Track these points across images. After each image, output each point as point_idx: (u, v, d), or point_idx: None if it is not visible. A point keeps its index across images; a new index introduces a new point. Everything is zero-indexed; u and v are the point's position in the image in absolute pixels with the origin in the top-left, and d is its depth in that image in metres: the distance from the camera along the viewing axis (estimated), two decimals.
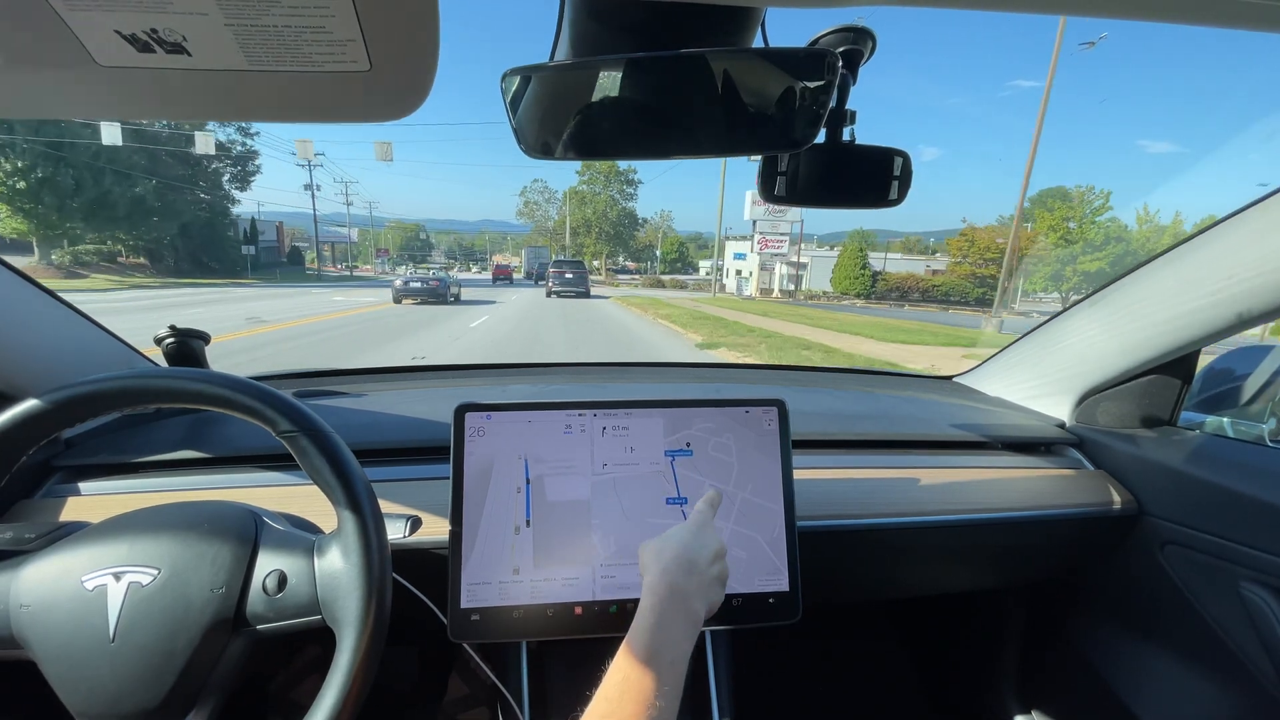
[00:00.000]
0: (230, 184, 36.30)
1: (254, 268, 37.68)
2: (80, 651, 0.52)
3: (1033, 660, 1.22)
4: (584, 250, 55.80)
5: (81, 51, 0.37)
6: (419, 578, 0.68)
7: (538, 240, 68.39)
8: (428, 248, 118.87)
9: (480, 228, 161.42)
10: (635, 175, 56.16)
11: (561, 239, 57.99)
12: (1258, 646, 0.84)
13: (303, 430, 0.55)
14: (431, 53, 0.39)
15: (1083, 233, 31.95)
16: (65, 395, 0.53)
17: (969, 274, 37.99)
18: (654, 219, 78.62)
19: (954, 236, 41.13)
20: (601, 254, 57.11)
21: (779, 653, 1.42)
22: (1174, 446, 0.99)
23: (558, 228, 59.94)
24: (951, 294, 37.51)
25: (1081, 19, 0.38)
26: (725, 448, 0.77)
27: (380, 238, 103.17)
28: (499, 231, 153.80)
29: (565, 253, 53.46)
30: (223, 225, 35.92)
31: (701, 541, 0.61)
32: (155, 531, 0.57)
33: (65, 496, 0.81)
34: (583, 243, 55.96)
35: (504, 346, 9.64)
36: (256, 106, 0.45)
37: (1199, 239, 0.87)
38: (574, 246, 56.30)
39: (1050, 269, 32.89)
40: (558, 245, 59.10)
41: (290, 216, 68.33)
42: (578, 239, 56.32)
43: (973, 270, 37.68)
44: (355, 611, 0.53)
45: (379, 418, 1.01)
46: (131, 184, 26.71)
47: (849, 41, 0.56)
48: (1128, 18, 0.38)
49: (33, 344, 0.83)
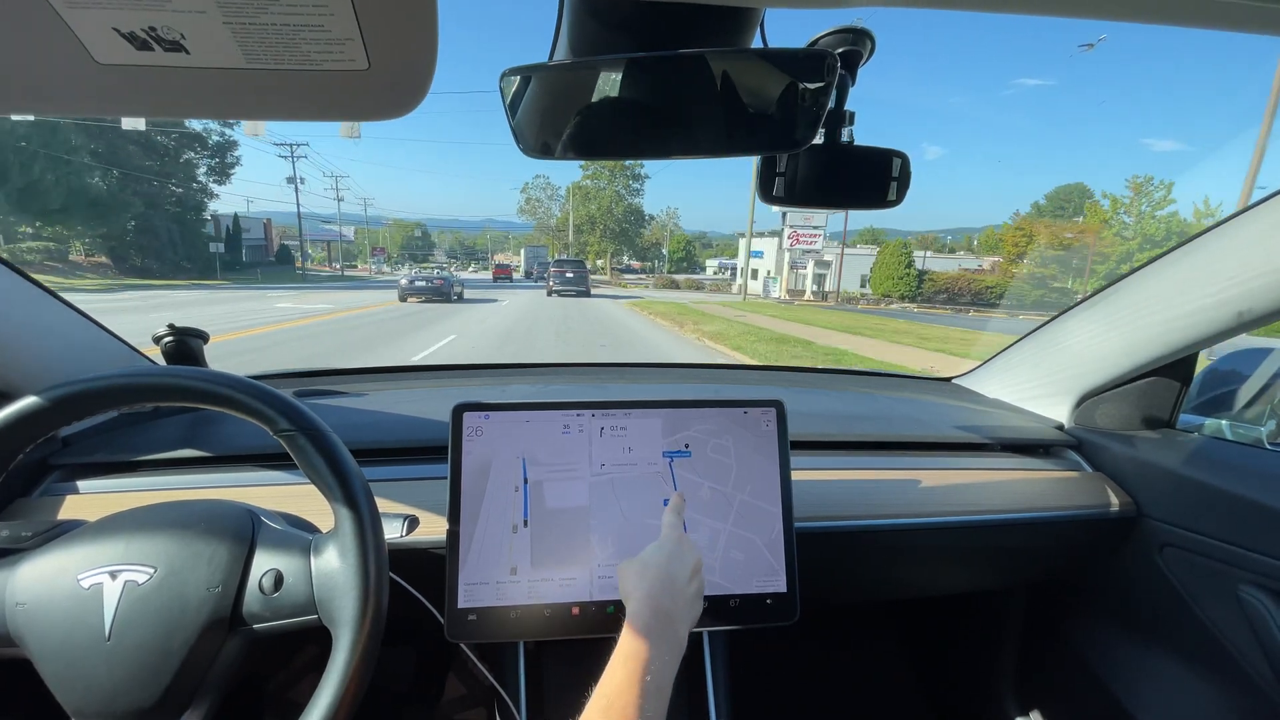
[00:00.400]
0: (208, 177, 33.62)
1: (231, 267, 35.29)
2: (76, 650, 0.52)
3: (1031, 662, 1.22)
4: (587, 249, 53.83)
5: (80, 49, 0.37)
6: (416, 577, 0.68)
7: (539, 239, 66.21)
8: (429, 246, 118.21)
9: (484, 226, 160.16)
10: (641, 170, 52.44)
11: (564, 237, 55.55)
12: (1255, 649, 0.84)
13: (300, 429, 0.55)
14: (430, 51, 0.39)
15: (1142, 228, 29.44)
16: (62, 393, 0.53)
17: (1028, 273, 32.98)
18: (660, 216, 75.50)
19: (987, 231, 36.13)
20: (606, 253, 54.68)
21: (777, 654, 1.42)
22: (1173, 449, 0.99)
23: (560, 225, 57.20)
24: (1007, 296, 32.38)
25: (1079, 20, 0.38)
26: (724, 449, 0.77)
27: (379, 236, 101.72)
28: (502, 230, 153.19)
29: (568, 251, 51.92)
30: (195, 222, 33.30)
31: (680, 559, 0.60)
32: (151, 530, 0.57)
33: (63, 495, 0.81)
34: (586, 240, 53.70)
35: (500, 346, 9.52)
36: (255, 105, 0.45)
37: (1199, 241, 0.87)
38: (577, 245, 54.31)
39: (1106, 267, 29.74)
40: (560, 244, 57.02)
41: (283, 215, 66.62)
42: (581, 237, 53.95)
43: (1031, 269, 32.98)
44: (352, 611, 0.53)
45: (377, 417, 1.01)
46: (70, 171, 23.94)
47: (848, 42, 0.56)
48: (1128, 19, 0.38)
49: (31, 342, 0.83)
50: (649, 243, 71.07)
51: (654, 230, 72.05)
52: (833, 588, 1.01)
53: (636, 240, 59.21)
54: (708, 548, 0.74)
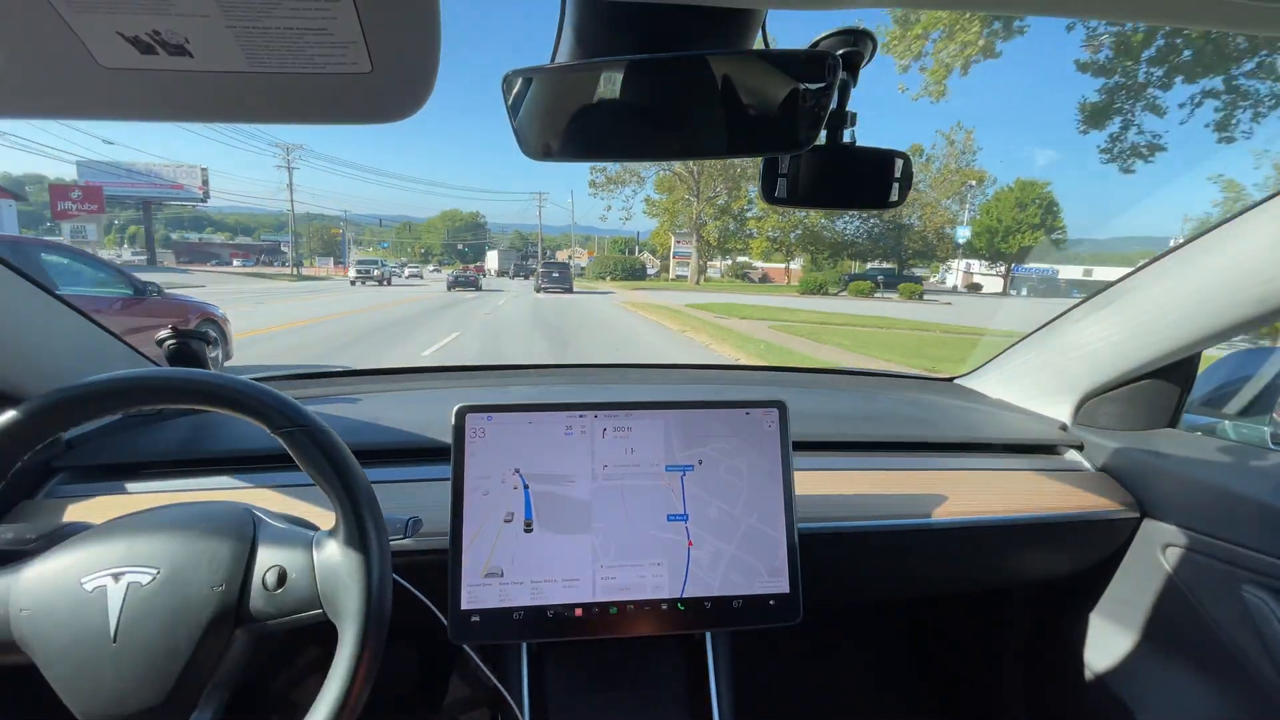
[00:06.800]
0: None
1: None
2: (82, 653, 0.52)
3: (1034, 662, 1.22)
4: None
5: (84, 53, 0.37)
6: (419, 579, 0.68)
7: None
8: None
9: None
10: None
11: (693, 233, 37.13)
12: (1259, 649, 0.84)
13: (298, 427, 0.55)
14: (432, 55, 0.39)
15: None
16: (60, 397, 0.53)
17: None
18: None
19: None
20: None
21: (780, 655, 1.41)
22: (1175, 449, 0.99)
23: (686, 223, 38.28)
24: None
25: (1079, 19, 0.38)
26: (737, 471, 0.76)
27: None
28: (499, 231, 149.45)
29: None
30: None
31: None
32: (152, 532, 0.57)
33: (67, 498, 0.81)
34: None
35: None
36: (258, 108, 0.46)
37: (1200, 242, 0.87)
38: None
39: None
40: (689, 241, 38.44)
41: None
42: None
43: None
44: (356, 603, 0.53)
45: (379, 418, 1.01)
46: None
47: (849, 44, 0.57)
48: (1128, 20, 0.39)
49: (34, 345, 0.83)
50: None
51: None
52: (835, 589, 1.01)
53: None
54: (709, 566, 0.73)
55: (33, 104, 0.45)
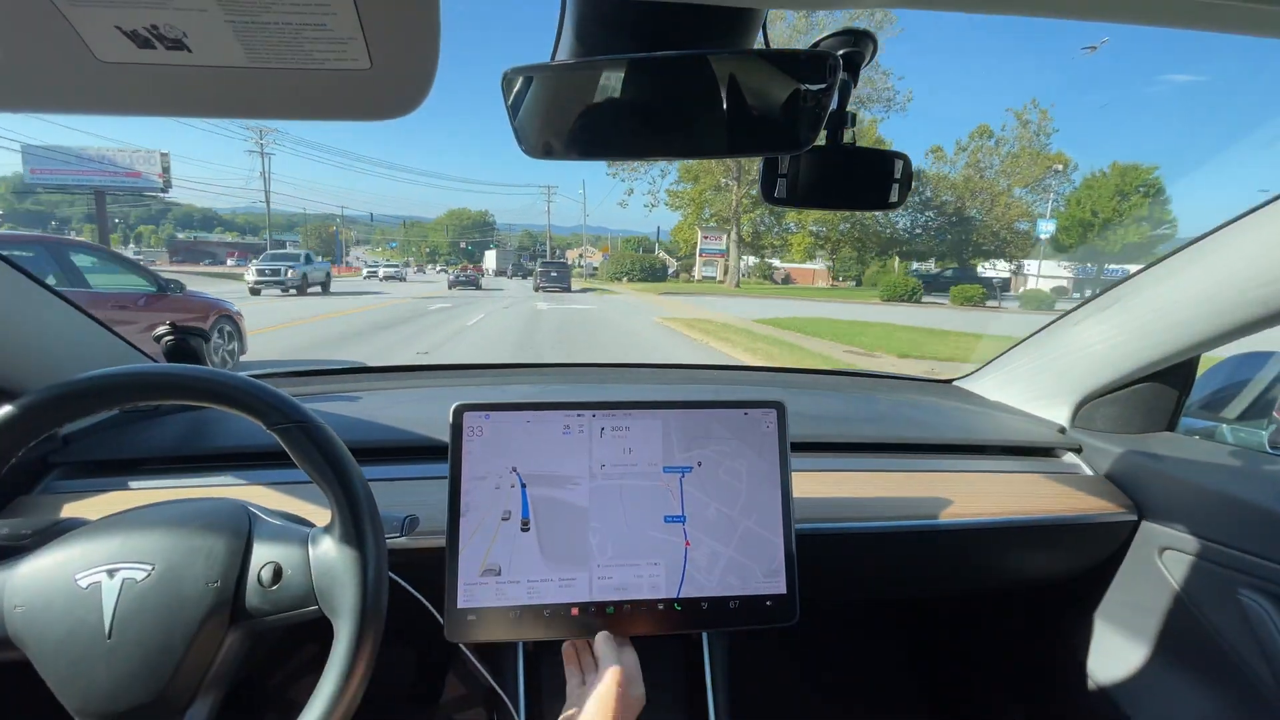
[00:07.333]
0: None
1: None
2: (77, 650, 0.52)
3: (1031, 665, 1.22)
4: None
5: (82, 47, 0.37)
6: (416, 577, 0.68)
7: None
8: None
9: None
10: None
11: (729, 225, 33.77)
12: (1256, 653, 0.84)
13: (294, 423, 0.55)
14: (432, 51, 0.39)
15: None
16: (57, 391, 0.53)
17: None
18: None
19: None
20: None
21: (777, 656, 1.41)
22: (1174, 452, 0.99)
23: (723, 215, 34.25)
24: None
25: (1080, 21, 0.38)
26: (736, 473, 0.76)
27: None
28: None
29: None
30: None
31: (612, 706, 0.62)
32: (147, 528, 0.57)
33: (63, 493, 0.81)
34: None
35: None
36: (256, 104, 0.45)
37: (1201, 244, 0.87)
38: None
39: None
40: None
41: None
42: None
43: None
44: (352, 600, 0.53)
45: (376, 416, 1.01)
46: None
47: (850, 44, 0.57)
48: (1128, 20, 0.38)
49: (31, 340, 0.83)
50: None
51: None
52: (832, 590, 1.01)
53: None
54: (706, 568, 0.73)
55: (29, 98, 0.45)
